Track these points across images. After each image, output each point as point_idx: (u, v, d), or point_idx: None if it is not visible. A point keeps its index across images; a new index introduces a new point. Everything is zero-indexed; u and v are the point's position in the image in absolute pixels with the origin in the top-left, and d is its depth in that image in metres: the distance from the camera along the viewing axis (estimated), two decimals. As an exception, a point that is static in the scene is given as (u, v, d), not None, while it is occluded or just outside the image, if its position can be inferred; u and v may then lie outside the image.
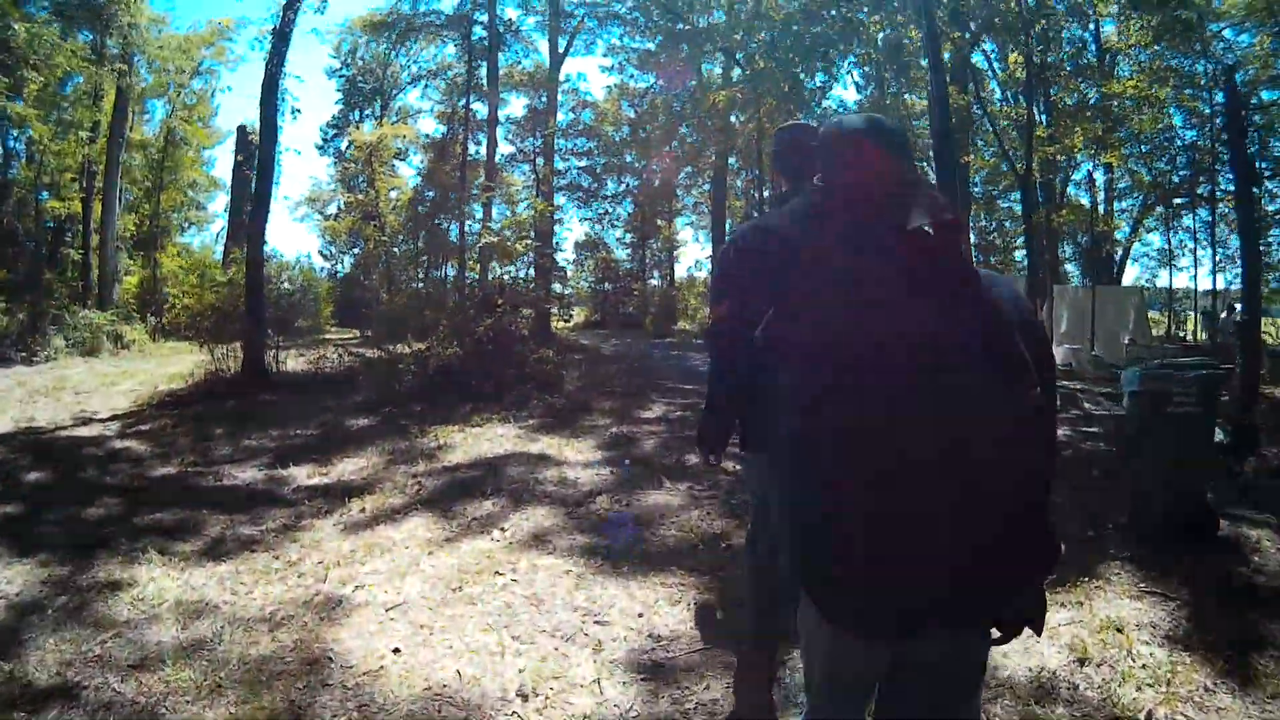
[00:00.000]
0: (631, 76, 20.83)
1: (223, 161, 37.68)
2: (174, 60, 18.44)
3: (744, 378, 1.87)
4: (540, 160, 22.22)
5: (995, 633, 1.24)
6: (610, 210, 25.82)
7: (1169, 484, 3.72)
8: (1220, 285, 17.50)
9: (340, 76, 25.01)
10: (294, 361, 9.92)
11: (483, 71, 18.25)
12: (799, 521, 1.20)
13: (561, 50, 19.48)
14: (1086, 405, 7.52)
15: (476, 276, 11.34)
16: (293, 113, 11.65)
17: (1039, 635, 1.27)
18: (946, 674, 1.24)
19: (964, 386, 1.09)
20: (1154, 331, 16.46)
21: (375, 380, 8.12)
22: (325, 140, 25.89)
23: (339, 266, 24.72)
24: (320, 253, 25.94)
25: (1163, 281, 18.72)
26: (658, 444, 5.92)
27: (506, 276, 9.85)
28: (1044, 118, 13.25)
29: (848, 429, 1.12)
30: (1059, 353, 12.90)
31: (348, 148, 21.30)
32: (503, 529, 3.92)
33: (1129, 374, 3.77)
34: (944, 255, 1.15)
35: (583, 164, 24.30)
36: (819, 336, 1.17)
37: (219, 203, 26.16)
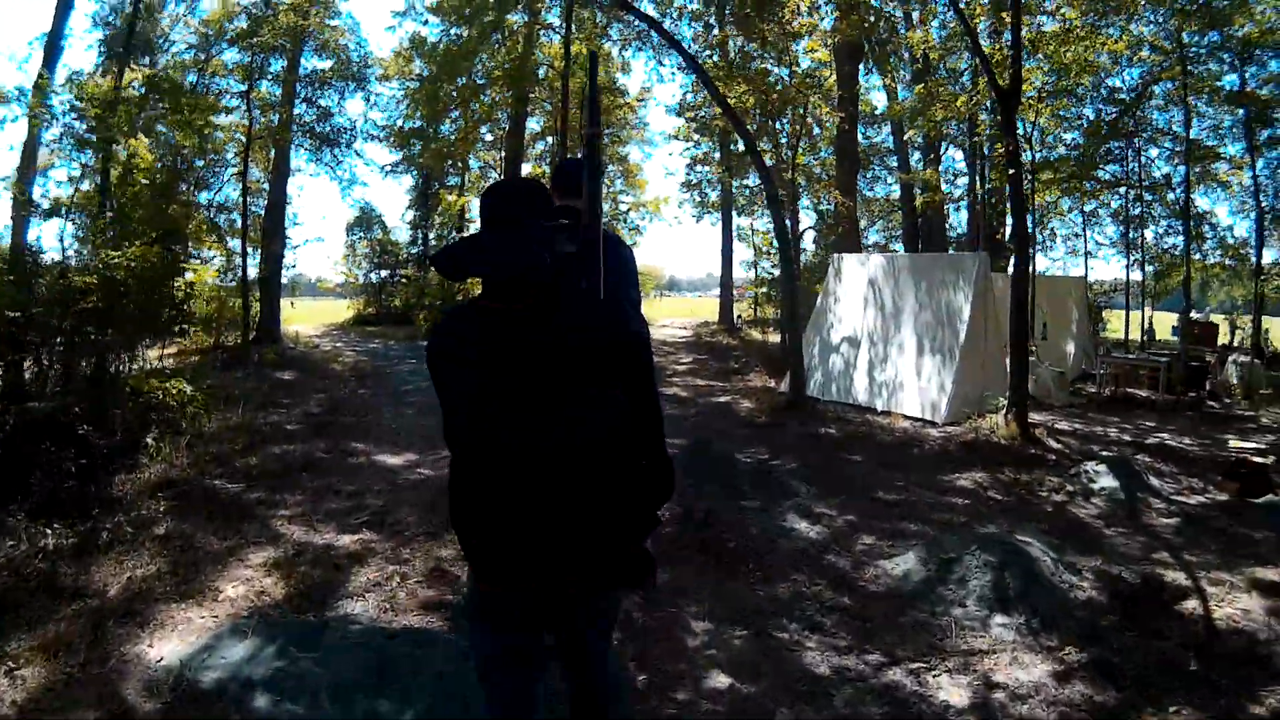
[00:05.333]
0: (425, 22, 15.85)
1: None
2: None
3: None
4: (269, 85, 14.16)
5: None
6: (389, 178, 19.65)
7: None
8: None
9: (105, 25, 18.48)
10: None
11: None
12: (453, 501, 1.51)
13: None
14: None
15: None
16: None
17: (648, 589, 1.57)
18: (584, 619, 1.54)
19: (553, 396, 1.38)
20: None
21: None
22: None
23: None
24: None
25: (1076, 271, 15.59)
26: None
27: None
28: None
29: (464, 435, 1.44)
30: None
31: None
32: None
33: None
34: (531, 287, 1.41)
35: (321, 101, 15.84)
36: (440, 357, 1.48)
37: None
